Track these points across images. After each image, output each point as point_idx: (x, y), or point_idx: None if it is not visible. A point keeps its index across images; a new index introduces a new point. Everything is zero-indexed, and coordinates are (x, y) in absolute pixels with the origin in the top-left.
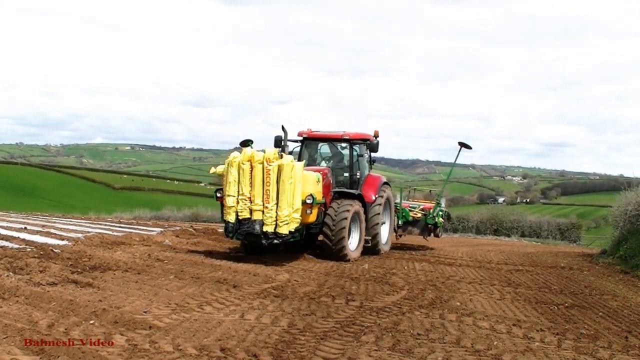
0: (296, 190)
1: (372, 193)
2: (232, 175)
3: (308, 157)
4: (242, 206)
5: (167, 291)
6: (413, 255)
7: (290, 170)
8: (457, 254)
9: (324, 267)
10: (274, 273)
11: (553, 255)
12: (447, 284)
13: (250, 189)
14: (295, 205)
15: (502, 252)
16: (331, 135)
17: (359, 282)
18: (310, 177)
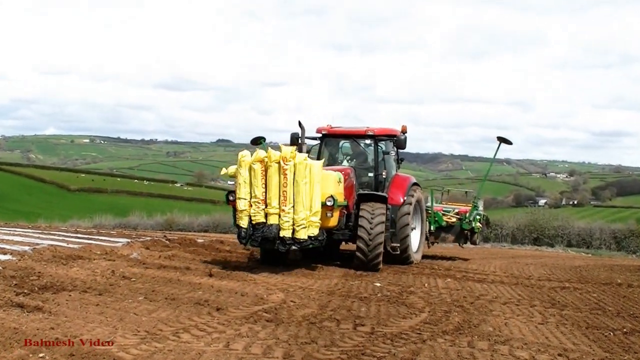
0: (314, 192)
1: (400, 195)
2: (243, 177)
3: (328, 156)
4: (255, 210)
5: (136, 316)
6: (435, 270)
7: (305, 170)
8: (489, 267)
9: (326, 284)
10: (266, 292)
11: (607, 269)
12: (476, 305)
13: (263, 190)
14: (314, 207)
15: (544, 265)
16: (353, 131)
17: (370, 303)
18: (330, 177)
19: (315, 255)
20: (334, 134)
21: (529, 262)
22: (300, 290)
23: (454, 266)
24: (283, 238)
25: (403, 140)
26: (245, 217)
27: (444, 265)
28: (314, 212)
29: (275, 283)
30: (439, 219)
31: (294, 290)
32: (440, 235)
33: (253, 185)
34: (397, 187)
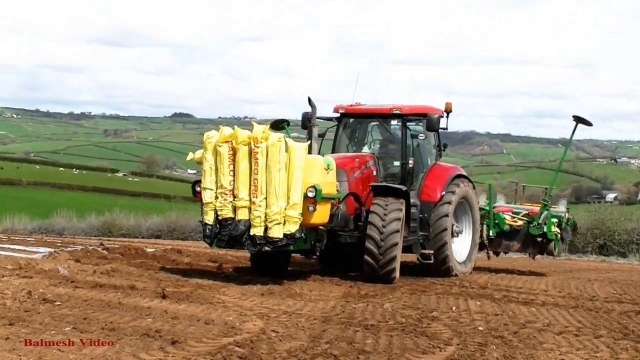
0: (293, 180)
1: (437, 190)
2: (208, 162)
3: (348, 141)
4: (221, 202)
5: (61, 353)
6: (466, 288)
7: (279, 153)
8: (539, 285)
9: (320, 308)
10: (238, 319)
11: None
12: (521, 336)
13: (231, 179)
14: (292, 199)
15: (613, 282)
16: (377, 110)
17: (378, 333)
18: (315, 163)
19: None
20: (353, 114)
21: (593, 278)
22: (285, 317)
23: (492, 283)
24: (253, 237)
25: (435, 120)
26: (211, 211)
27: (479, 282)
28: (291, 205)
29: (252, 307)
30: (500, 221)
31: (277, 317)
32: (502, 242)
33: (219, 172)
34: (434, 180)
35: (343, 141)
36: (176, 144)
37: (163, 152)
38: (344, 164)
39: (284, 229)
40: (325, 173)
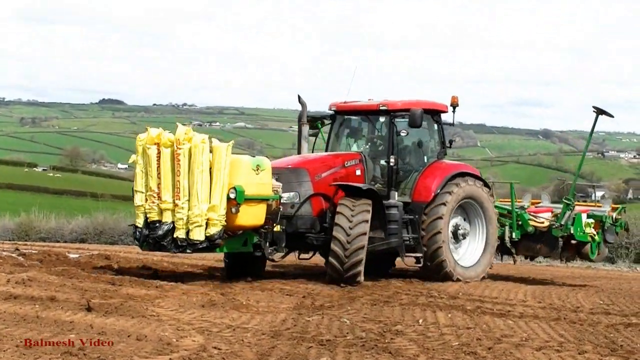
0: (217, 181)
1: (431, 189)
2: (139, 165)
3: (341, 139)
4: (150, 205)
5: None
6: (434, 298)
7: (201, 154)
8: (516, 294)
9: (268, 321)
10: (175, 335)
11: None
12: (496, 352)
13: (159, 181)
14: (213, 201)
15: (599, 291)
16: (365, 107)
17: (335, 350)
18: (241, 164)
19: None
20: (345, 111)
21: (577, 287)
22: (228, 331)
23: (464, 292)
24: (176, 239)
25: (417, 116)
26: (141, 214)
27: (449, 291)
28: (212, 206)
29: (191, 320)
30: (524, 223)
31: (219, 331)
32: (528, 245)
33: (148, 175)
34: (428, 180)
35: (335, 139)
36: (104, 135)
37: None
38: (305, 164)
39: (206, 231)
40: (254, 173)
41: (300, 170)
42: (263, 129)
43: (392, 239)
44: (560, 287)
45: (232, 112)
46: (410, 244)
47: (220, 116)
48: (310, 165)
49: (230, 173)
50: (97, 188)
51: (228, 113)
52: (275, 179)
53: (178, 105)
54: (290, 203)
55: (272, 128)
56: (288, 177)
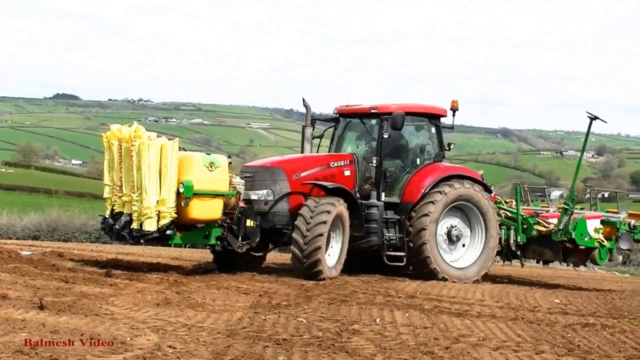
0: (165, 176)
1: (420, 189)
2: (106, 160)
3: (340, 141)
4: (114, 198)
5: None
6: (392, 297)
7: (147, 151)
8: (474, 294)
9: (224, 320)
10: (130, 333)
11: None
12: (454, 352)
13: (121, 175)
14: (162, 195)
15: (556, 291)
16: (358, 110)
17: (291, 349)
18: (191, 161)
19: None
20: (345, 114)
21: (535, 287)
22: (183, 330)
23: (422, 292)
24: (131, 230)
25: (398, 119)
26: (109, 206)
27: (407, 290)
28: (161, 200)
29: (145, 319)
30: (529, 227)
31: (174, 330)
32: (535, 249)
33: (113, 168)
34: (418, 181)
35: (338, 141)
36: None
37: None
38: (282, 164)
39: (158, 222)
40: (206, 170)
41: (276, 169)
42: (220, 125)
43: (372, 237)
44: (518, 287)
45: (188, 109)
46: (395, 243)
47: (176, 112)
48: (287, 164)
49: (182, 169)
50: (50, 184)
51: (185, 109)
52: (249, 177)
53: (134, 101)
54: (263, 200)
55: (229, 124)
56: (262, 176)
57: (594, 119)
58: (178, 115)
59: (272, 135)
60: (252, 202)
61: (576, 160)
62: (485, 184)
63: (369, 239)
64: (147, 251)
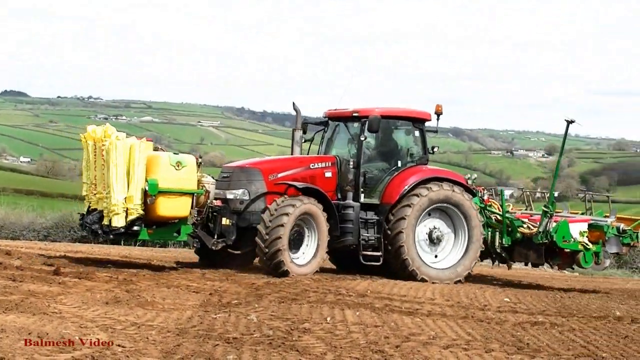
0: (132, 175)
1: (398, 191)
2: (84, 159)
3: (328, 143)
4: (90, 195)
5: None
6: (343, 296)
7: (115, 150)
8: (425, 293)
9: (174, 319)
10: (78, 332)
11: (601, 295)
12: (404, 350)
13: (95, 173)
14: (129, 192)
15: (506, 289)
16: (341, 113)
17: (241, 348)
18: (159, 161)
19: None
20: (333, 118)
21: (485, 285)
22: (133, 329)
23: (372, 290)
24: (102, 226)
25: (374, 122)
26: (86, 202)
27: (357, 289)
28: (128, 197)
29: (94, 317)
30: (514, 229)
31: (124, 329)
32: (521, 252)
33: (89, 167)
34: (398, 183)
35: (327, 144)
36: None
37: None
38: (258, 165)
39: (125, 219)
40: (173, 169)
41: (252, 170)
42: (171, 123)
43: (348, 237)
44: (468, 286)
45: (139, 106)
46: (373, 243)
47: (126, 110)
48: (263, 165)
49: (149, 168)
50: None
51: (135, 107)
52: (226, 177)
53: (83, 98)
54: (239, 199)
55: (179, 122)
56: (238, 176)
57: (570, 123)
58: (128, 113)
59: (222, 133)
60: (228, 201)
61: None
62: (468, 187)
63: (344, 238)
64: (97, 249)
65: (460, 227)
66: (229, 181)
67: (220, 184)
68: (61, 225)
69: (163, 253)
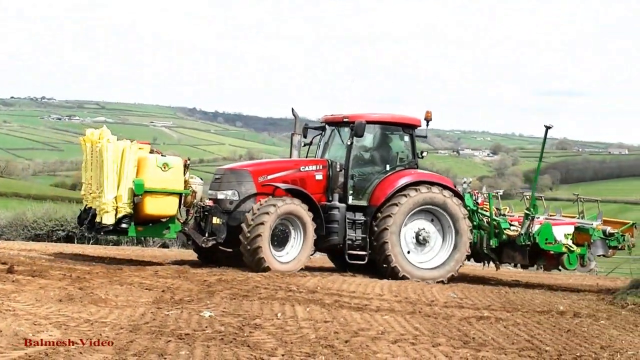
0: (122, 175)
1: (385, 193)
2: (84, 160)
3: (324, 147)
4: (87, 194)
5: None
6: (293, 293)
7: (106, 151)
8: (373, 289)
9: (127, 315)
10: (31, 329)
11: (545, 290)
12: (353, 345)
13: (91, 174)
14: (119, 191)
15: (453, 285)
16: (334, 119)
17: (194, 344)
18: (146, 162)
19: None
20: (329, 123)
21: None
22: (86, 325)
23: (322, 287)
24: (94, 223)
25: (359, 127)
26: (84, 201)
27: (308, 285)
28: (118, 196)
29: (48, 315)
30: (500, 231)
31: (77, 326)
32: (508, 253)
33: (87, 169)
34: (384, 186)
35: (322, 148)
36: None
37: None
38: (248, 167)
39: (114, 216)
40: (160, 170)
41: (242, 172)
42: (124, 123)
43: (333, 237)
44: (416, 282)
45: (92, 107)
46: (359, 243)
47: (79, 110)
48: (253, 168)
49: (138, 169)
50: None
51: (88, 107)
52: (217, 178)
53: (37, 99)
54: (229, 200)
55: (133, 123)
56: (228, 178)
57: (549, 128)
58: (81, 113)
59: (175, 133)
60: (219, 202)
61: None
62: (457, 191)
63: (330, 238)
64: (50, 248)
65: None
66: (220, 182)
67: (213, 185)
68: (15, 224)
69: (116, 251)
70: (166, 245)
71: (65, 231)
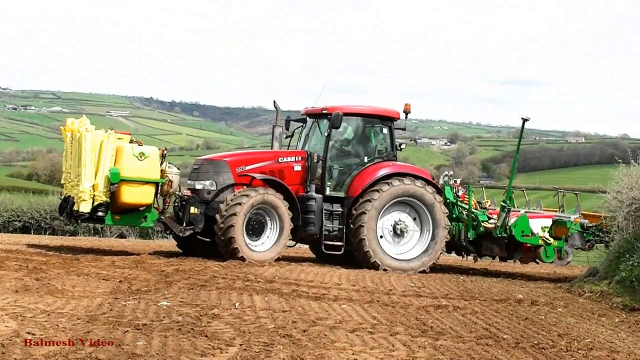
0: (99, 164)
1: (361, 185)
2: (64, 149)
3: (304, 139)
4: (67, 183)
5: None
6: (251, 282)
7: (84, 141)
8: (332, 278)
9: (84, 306)
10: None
11: (503, 279)
12: (311, 334)
13: (71, 163)
14: (96, 180)
15: (410, 274)
16: (316, 111)
17: (151, 334)
18: (123, 152)
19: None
20: (309, 115)
21: (389, 270)
22: (43, 316)
23: (280, 276)
24: (72, 211)
25: (336, 119)
26: (64, 191)
27: (265, 275)
28: (94, 184)
29: (3, 306)
30: (478, 223)
31: (33, 317)
32: (487, 246)
33: (67, 158)
34: (361, 177)
35: (303, 139)
36: None
37: None
38: (226, 157)
39: (91, 204)
40: (136, 159)
41: (219, 162)
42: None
43: (310, 227)
44: (374, 271)
45: (48, 97)
46: (336, 234)
47: (35, 100)
48: (231, 158)
49: (116, 158)
50: None
51: (44, 97)
52: (195, 169)
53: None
54: (206, 190)
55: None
56: (206, 168)
57: (526, 121)
58: (37, 103)
59: (131, 123)
60: (197, 192)
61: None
62: (431, 181)
63: (306, 228)
64: (7, 238)
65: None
66: (198, 172)
67: (191, 175)
68: None
69: (73, 242)
70: (123, 235)
71: (22, 222)
